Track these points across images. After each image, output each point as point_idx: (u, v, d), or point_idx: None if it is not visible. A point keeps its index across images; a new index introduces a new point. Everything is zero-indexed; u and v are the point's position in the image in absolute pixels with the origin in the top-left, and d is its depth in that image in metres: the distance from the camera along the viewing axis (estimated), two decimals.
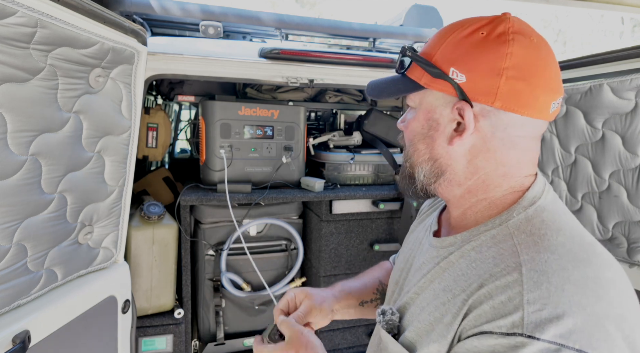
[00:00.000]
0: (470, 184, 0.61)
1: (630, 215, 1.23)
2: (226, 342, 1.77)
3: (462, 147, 0.59)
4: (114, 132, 1.07)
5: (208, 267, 1.75)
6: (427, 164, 0.63)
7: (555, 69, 0.57)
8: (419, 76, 0.60)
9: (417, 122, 0.63)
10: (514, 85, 0.54)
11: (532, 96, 0.55)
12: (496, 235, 0.56)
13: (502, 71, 0.54)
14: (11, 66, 0.75)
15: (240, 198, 1.62)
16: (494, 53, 0.55)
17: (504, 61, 0.54)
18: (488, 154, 0.58)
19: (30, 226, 0.88)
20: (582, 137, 1.32)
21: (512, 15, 0.58)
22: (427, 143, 0.62)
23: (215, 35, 1.52)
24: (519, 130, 0.57)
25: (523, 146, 0.58)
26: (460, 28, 0.58)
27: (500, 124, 0.56)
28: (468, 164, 0.60)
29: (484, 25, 0.57)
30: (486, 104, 0.56)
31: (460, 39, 0.57)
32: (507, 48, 0.54)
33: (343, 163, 1.86)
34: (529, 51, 0.55)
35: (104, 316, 1.17)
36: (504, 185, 0.59)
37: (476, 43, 0.56)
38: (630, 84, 1.13)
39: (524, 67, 0.55)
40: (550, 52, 0.57)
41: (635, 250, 1.25)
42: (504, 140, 0.57)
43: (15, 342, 0.84)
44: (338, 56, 1.56)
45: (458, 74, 0.56)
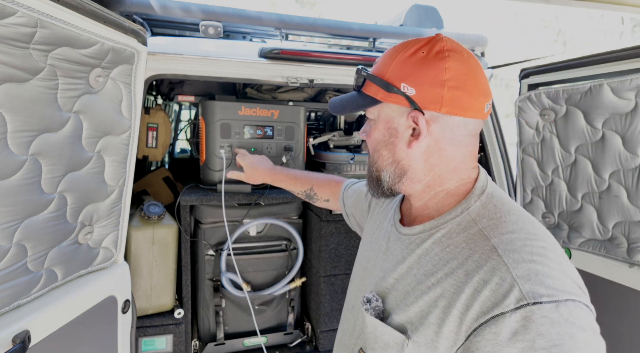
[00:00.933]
0: (429, 179, 0.71)
1: (630, 215, 1.23)
2: (226, 342, 1.77)
3: (419, 149, 0.69)
4: (114, 132, 1.07)
5: (208, 267, 1.75)
6: (391, 166, 0.73)
7: (483, 77, 0.69)
8: (375, 92, 0.71)
9: (378, 132, 0.74)
10: (454, 93, 0.66)
11: (469, 100, 0.67)
12: (461, 221, 0.67)
13: (444, 83, 0.66)
14: (11, 66, 0.75)
15: (240, 198, 1.62)
16: (435, 68, 0.66)
17: (444, 74, 0.66)
18: (440, 153, 0.69)
19: (30, 226, 0.88)
20: (582, 137, 1.32)
21: (444, 36, 0.70)
22: (389, 149, 0.72)
23: (215, 35, 1.52)
24: (462, 130, 0.68)
25: (466, 143, 0.70)
26: (403, 49, 0.69)
27: (448, 126, 0.68)
28: (425, 163, 0.71)
29: (423, 46, 0.68)
30: (434, 111, 0.67)
31: (406, 59, 0.68)
32: (445, 63, 0.66)
33: (343, 163, 1.86)
34: (462, 64, 0.67)
35: (104, 316, 1.17)
36: (455, 178, 0.71)
37: (419, 61, 0.67)
38: (630, 84, 1.13)
39: (460, 77, 0.66)
40: (478, 64, 0.69)
41: (635, 250, 1.25)
42: (452, 140, 0.69)
43: (15, 341, 0.84)
44: (338, 56, 1.56)
45: (408, 88, 0.67)
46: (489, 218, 0.65)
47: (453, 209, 0.69)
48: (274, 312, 1.88)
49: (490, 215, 0.65)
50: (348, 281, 1.00)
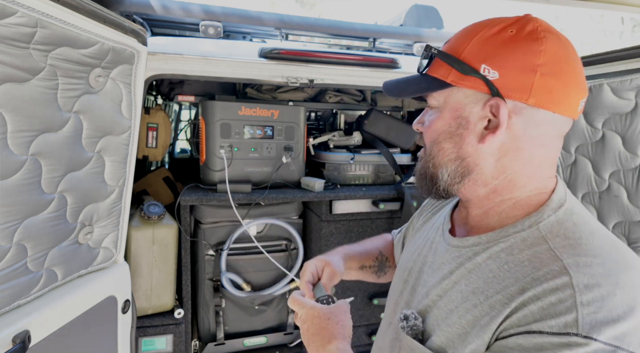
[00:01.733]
0: (497, 184, 0.60)
1: (630, 215, 1.23)
2: (226, 342, 1.77)
3: (492, 145, 0.57)
4: (114, 132, 1.07)
5: (208, 267, 1.75)
6: (453, 163, 0.61)
7: (581, 68, 0.57)
8: (445, 74, 0.59)
9: (442, 121, 0.61)
10: (547, 82, 0.54)
11: (564, 93, 0.55)
12: (527, 237, 0.55)
13: (536, 68, 0.54)
14: (11, 66, 0.75)
15: (240, 198, 1.62)
16: (526, 50, 0.54)
17: (537, 58, 0.54)
18: (517, 153, 0.57)
19: (30, 226, 0.88)
20: (582, 137, 1.32)
21: (535, 17, 0.58)
22: (454, 142, 0.60)
23: (216, 35, 1.52)
24: (549, 127, 0.57)
25: (550, 145, 0.58)
26: (486, 27, 0.58)
27: (532, 121, 0.56)
28: (496, 163, 0.59)
29: (511, 24, 0.57)
30: (520, 101, 0.55)
31: (489, 37, 0.57)
32: (540, 45, 0.54)
33: (343, 163, 1.86)
34: (560, 48, 0.55)
35: (104, 316, 1.17)
36: (528, 186, 0.59)
37: (507, 40, 0.55)
38: (630, 84, 1.13)
39: (557, 64, 0.54)
40: (576, 52, 0.57)
41: (635, 250, 1.25)
42: (534, 138, 0.57)
43: (15, 341, 0.84)
44: (338, 56, 1.56)
45: (490, 71, 0.55)
46: (564, 237, 0.53)
47: (519, 221, 0.57)
48: (274, 311, 1.88)
49: (567, 234, 0.53)
50: (348, 281, 0.97)
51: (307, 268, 0.88)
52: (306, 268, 0.88)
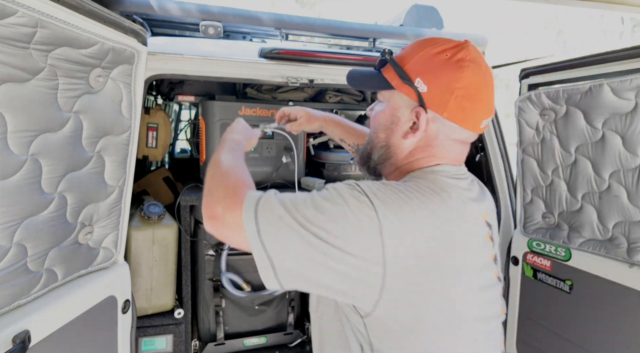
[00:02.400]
0: (401, 166, 0.79)
1: (630, 215, 1.23)
2: (226, 342, 1.77)
3: (411, 141, 0.76)
4: (114, 132, 1.07)
5: (208, 267, 1.75)
6: (382, 149, 0.80)
7: (492, 94, 0.74)
8: (392, 78, 0.75)
9: (383, 115, 0.79)
10: (460, 102, 0.70)
11: (472, 113, 0.72)
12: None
13: (454, 90, 0.70)
14: (11, 66, 0.75)
15: None
16: (451, 74, 0.70)
17: (457, 83, 0.70)
18: (427, 150, 0.76)
19: (31, 226, 0.88)
20: (582, 137, 1.31)
21: (471, 45, 0.74)
22: (386, 133, 0.79)
23: (215, 35, 1.52)
24: (456, 136, 0.74)
25: (454, 148, 0.76)
26: (431, 46, 0.73)
27: (444, 129, 0.73)
28: (408, 155, 0.77)
29: (449, 49, 0.72)
30: (437, 113, 0.72)
31: (430, 56, 0.72)
32: (462, 73, 0.70)
33: (343, 163, 1.86)
34: (477, 77, 0.71)
35: (104, 316, 1.17)
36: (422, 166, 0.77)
37: (440, 62, 0.71)
38: (630, 84, 1.13)
39: (471, 90, 0.70)
40: (492, 80, 0.74)
41: (635, 250, 1.25)
42: (443, 142, 0.75)
43: (16, 341, 0.84)
44: (338, 56, 1.56)
45: (422, 84, 0.72)
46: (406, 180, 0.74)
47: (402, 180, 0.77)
48: (274, 312, 1.88)
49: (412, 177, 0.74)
50: None
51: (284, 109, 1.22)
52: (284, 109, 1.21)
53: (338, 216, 0.63)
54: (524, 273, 1.63)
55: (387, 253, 0.62)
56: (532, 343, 1.60)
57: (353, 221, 0.62)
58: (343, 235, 0.62)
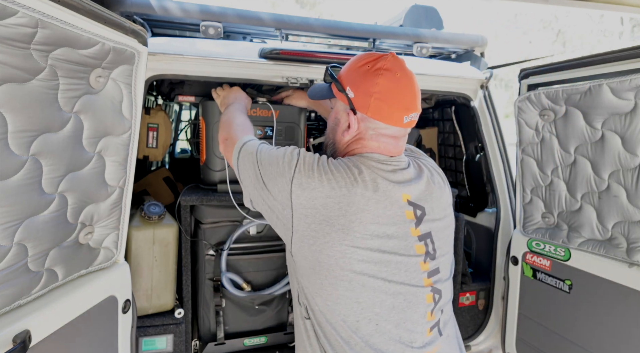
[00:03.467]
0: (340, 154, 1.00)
1: (630, 215, 1.24)
2: (226, 341, 1.77)
3: (348, 137, 0.96)
4: (114, 132, 1.07)
5: (208, 267, 1.75)
6: (330, 145, 1.03)
7: (408, 95, 0.90)
8: (334, 88, 0.97)
9: (331, 118, 1.03)
10: (378, 104, 0.89)
11: (389, 111, 0.89)
12: None
13: (372, 94, 0.88)
14: (12, 66, 0.75)
15: (241, 197, 1.62)
16: (369, 81, 0.89)
17: (374, 88, 0.88)
18: (361, 143, 0.95)
19: (31, 226, 0.88)
20: (581, 137, 1.32)
21: (393, 56, 0.91)
22: (333, 133, 1.02)
23: (216, 35, 1.52)
24: (383, 131, 0.92)
25: (382, 141, 0.94)
26: (358, 60, 0.93)
27: (371, 126, 0.92)
28: (346, 147, 0.98)
29: (371, 61, 0.90)
30: (364, 113, 0.91)
31: (356, 68, 0.92)
32: (377, 79, 0.88)
33: None
34: (390, 82, 0.88)
35: (105, 316, 1.17)
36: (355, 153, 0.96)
37: (363, 72, 0.90)
38: (630, 84, 1.13)
39: (385, 93, 0.88)
40: (407, 83, 0.90)
41: (634, 249, 1.25)
42: (372, 136, 0.93)
43: (16, 341, 0.85)
44: (338, 56, 1.56)
45: (351, 92, 0.91)
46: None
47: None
48: (274, 311, 1.88)
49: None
50: None
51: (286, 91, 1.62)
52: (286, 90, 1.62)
53: (273, 162, 0.90)
54: (524, 273, 1.63)
55: (293, 198, 0.86)
56: (531, 343, 1.60)
57: (278, 168, 0.89)
58: (269, 176, 0.90)
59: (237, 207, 1.61)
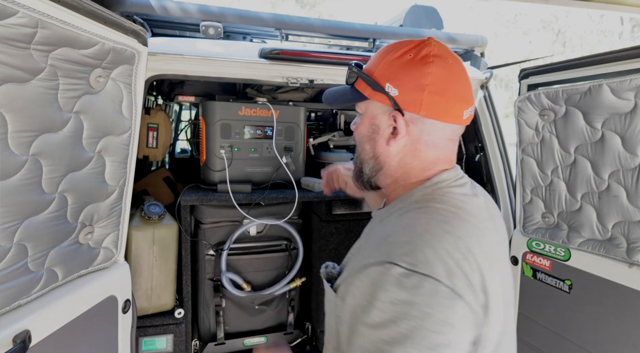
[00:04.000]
0: (397, 176, 0.77)
1: (630, 215, 1.24)
2: (226, 341, 1.77)
3: (397, 147, 0.74)
4: (114, 132, 1.07)
5: (208, 267, 1.75)
6: (371, 161, 0.79)
7: (465, 84, 0.73)
8: (364, 88, 0.76)
9: (363, 127, 0.79)
10: (433, 98, 0.70)
11: (447, 106, 0.71)
12: (402, 206, 0.73)
13: (424, 87, 0.69)
14: (12, 66, 0.75)
15: (241, 198, 1.63)
16: (418, 72, 0.70)
17: (425, 79, 0.69)
18: (415, 153, 0.74)
19: (31, 226, 0.88)
20: (581, 137, 1.32)
21: (435, 40, 0.73)
22: (371, 144, 0.78)
23: (216, 35, 1.52)
24: (440, 133, 0.73)
25: (442, 146, 0.74)
26: (394, 50, 0.73)
27: (425, 129, 0.72)
28: (399, 161, 0.76)
29: (412, 49, 0.72)
30: (414, 113, 0.71)
31: (394, 60, 0.72)
32: (428, 68, 0.69)
33: None
34: (444, 70, 0.70)
35: (105, 316, 1.17)
36: (420, 176, 0.75)
37: (405, 63, 0.71)
38: (630, 84, 1.13)
39: (440, 83, 0.70)
40: (462, 71, 0.73)
41: (634, 250, 1.25)
42: (428, 142, 0.73)
43: (16, 341, 0.85)
44: (338, 56, 1.56)
45: (392, 89, 0.71)
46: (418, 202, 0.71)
47: (409, 193, 0.75)
48: (274, 311, 1.88)
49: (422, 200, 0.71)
50: None
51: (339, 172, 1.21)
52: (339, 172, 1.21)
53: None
54: (524, 273, 1.63)
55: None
56: (531, 343, 1.60)
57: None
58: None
59: (237, 207, 1.61)
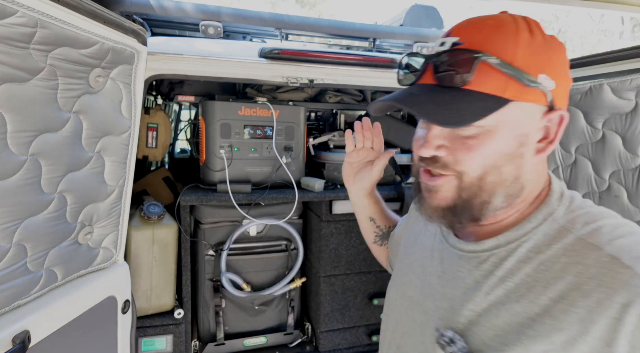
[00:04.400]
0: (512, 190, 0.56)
1: (631, 215, 1.23)
2: (226, 342, 1.77)
3: (542, 159, 0.54)
4: (114, 132, 1.07)
5: (208, 267, 1.75)
6: (510, 186, 0.54)
7: None
8: (500, 87, 0.50)
9: (500, 143, 0.52)
10: (569, 83, 0.54)
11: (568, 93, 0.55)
12: (548, 232, 0.53)
13: (568, 73, 0.53)
14: (11, 66, 0.75)
15: (240, 198, 1.62)
16: (563, 56, 0.52)
17: (567, 65, 0.53)
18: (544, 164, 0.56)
19: (30, 226, 0.88)
20: (582, 137, 1.32)
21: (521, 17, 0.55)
22: (516, 164, 0.53)
23: (215, 35, 1.52)
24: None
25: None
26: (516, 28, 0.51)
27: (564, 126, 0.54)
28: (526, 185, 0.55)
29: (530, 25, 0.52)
30: (564, 109, 0.53)
31: (531, 41, 0.50)
32: (564, 51, 0.53)
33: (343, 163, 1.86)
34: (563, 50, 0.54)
35: (104, 316, 1.17)
36: (533, 182, 0.57)
37: (548, 46, 0.51)
38: (631, 84, 1.13)
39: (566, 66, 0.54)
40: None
41: None
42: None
43: (15, 342, 0.84)
44: (338, 56, 1.56)
45: (548, 80, 0.50)
46: (584, 223, 0.51)
47: (532, 216, 0.55)
48: (274, 312, 1.88)
49: (585, 220, 0.52)
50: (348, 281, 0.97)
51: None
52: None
53: None
54: None
55: None
56: None
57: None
58: None
59: (237, 207, 1.61)
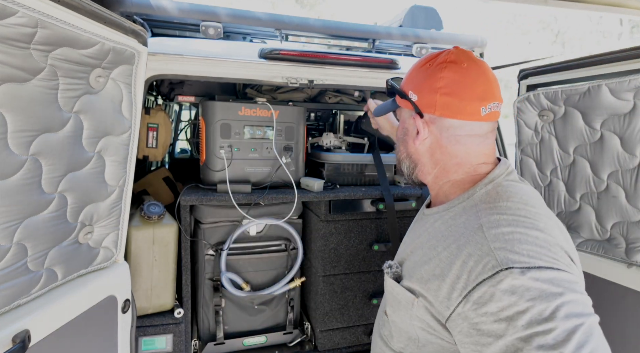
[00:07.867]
0: (435, 172, 0.84)
1: (629, 215, 1.24)
2: (226, 341, 1.77)
3: (423, 146, 0.83)
4: (114, 132, 1.07)
5: (208, 267, 1.75)
6: (406, 159, 0.89)
7: (482, 83, 0.76)
8: (398, 98, 0.88)
9: (399, 130, 0.91)
10: (445, 99, 0.77)
11: (460, 105, 0.76)
12: (465, 206, 0.76)
13: (437, 90, 0.77)
14: (12, 66, 0.75)
15: (240, 198, 1.63)
16: (432, 77, 0.78)
17: (438, 82, 0.77)
18: (442, 150, 0.81)
19: (31, 225, 0.88)
20: (580, 138, 1.32)
21: (456, 49, 0.80)
22: (404, 145, 0.89)
23: (216, 36, 1.52)
24: (458, 130, 0.78)
25: (465, 142, 0.79)
26: (420, 62, 0.83)
27: (443, 127, 0.79)
28: (430, 158, 0.84)
29: (432, 58, 0.81)
30: (431, 114, 0.79)
31: (417, 69, 0.83)
32: (441, 73, 0.77)
33: (343, 163, 1.86)
34: (456, 73, 0.76)
35: (104, 315, 1.17)
36: (459, 171, 0.81)
37: (424, 71, 0.81)
38: (629, 85, 1.14)
39: (452, 85, 0.76)
40: (479, 72, 0.77)
41: (633, 250, 1.25)
42: (450, 139, 0.79)
43: (15, 341, 0.85)
44: (338, 56, 1.57)
45: (413, 95, 0.82)
46: (487, 202, 0.73)
47: (460, 195, 0.79)
48: (274, 311, 1.88)
49: (490, 200, 0.73)
50: (347, 280, 1.03)
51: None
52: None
53: None
54: None
55: None
56: None
57: None
58: None
59: (236, 207, 1.61)
